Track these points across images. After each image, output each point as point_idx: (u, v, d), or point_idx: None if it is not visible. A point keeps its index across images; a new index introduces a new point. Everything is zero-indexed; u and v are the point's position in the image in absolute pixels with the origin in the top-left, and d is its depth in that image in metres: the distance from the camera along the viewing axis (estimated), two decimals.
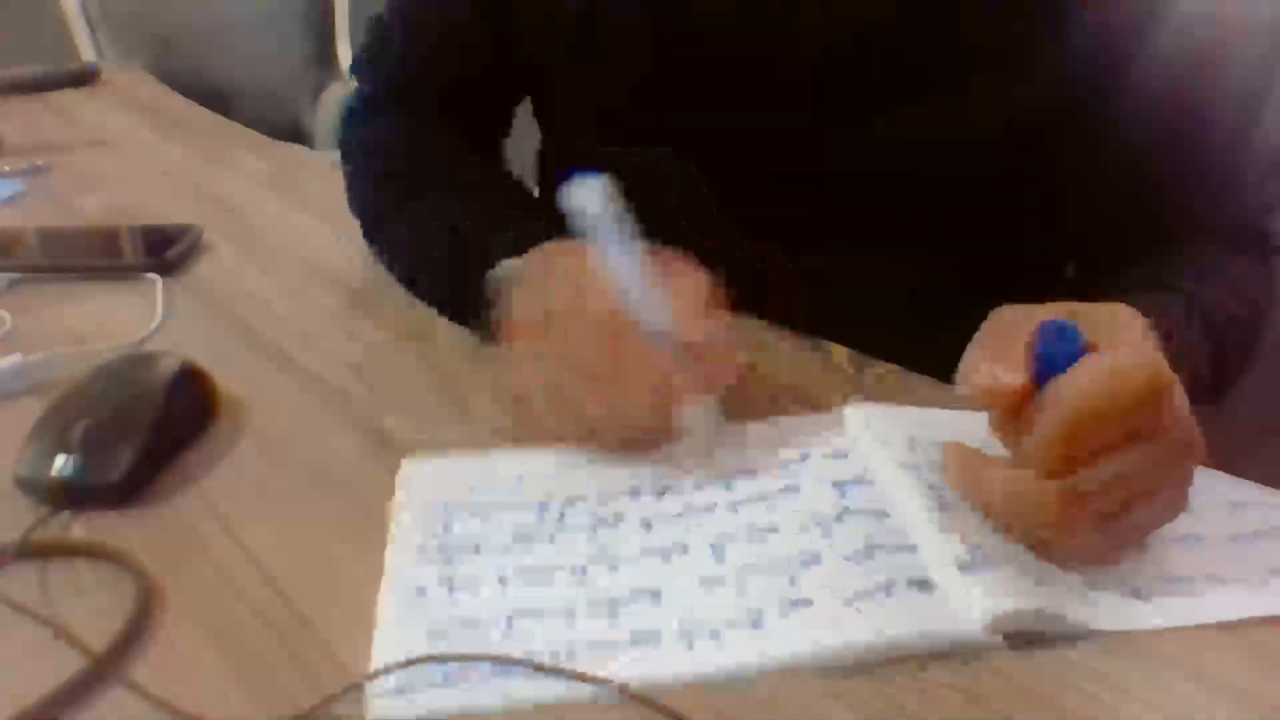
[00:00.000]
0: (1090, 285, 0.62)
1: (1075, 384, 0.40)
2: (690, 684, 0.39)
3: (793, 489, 0.48)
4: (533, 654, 0.40)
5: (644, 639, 0.40)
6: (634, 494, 0.49)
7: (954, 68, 0.63)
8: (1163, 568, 0.44)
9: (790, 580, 0.43)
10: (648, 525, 0.47)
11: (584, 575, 0.44)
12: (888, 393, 0.58)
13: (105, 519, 0.49)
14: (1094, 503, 0.41)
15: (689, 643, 0.40)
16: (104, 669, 0.40)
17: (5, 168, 1.02)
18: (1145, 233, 0.65)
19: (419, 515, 0.48)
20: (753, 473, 0.50)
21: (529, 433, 0.54)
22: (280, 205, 0.92)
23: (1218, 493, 0.48)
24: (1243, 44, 0.62)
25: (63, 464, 0.50)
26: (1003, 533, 0.44)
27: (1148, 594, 0.42)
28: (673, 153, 0.70)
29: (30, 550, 0.47)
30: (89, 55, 1.81)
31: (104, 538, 0.47)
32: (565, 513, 0.48)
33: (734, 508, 0.48)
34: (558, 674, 0.39)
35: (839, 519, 0.46)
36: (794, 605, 0.41)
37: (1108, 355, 0.41)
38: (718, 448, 0.52)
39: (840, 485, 0.48)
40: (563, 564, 0.45)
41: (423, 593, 0.43)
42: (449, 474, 0.51)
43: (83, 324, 0.69)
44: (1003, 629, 0.40)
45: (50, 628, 0.42)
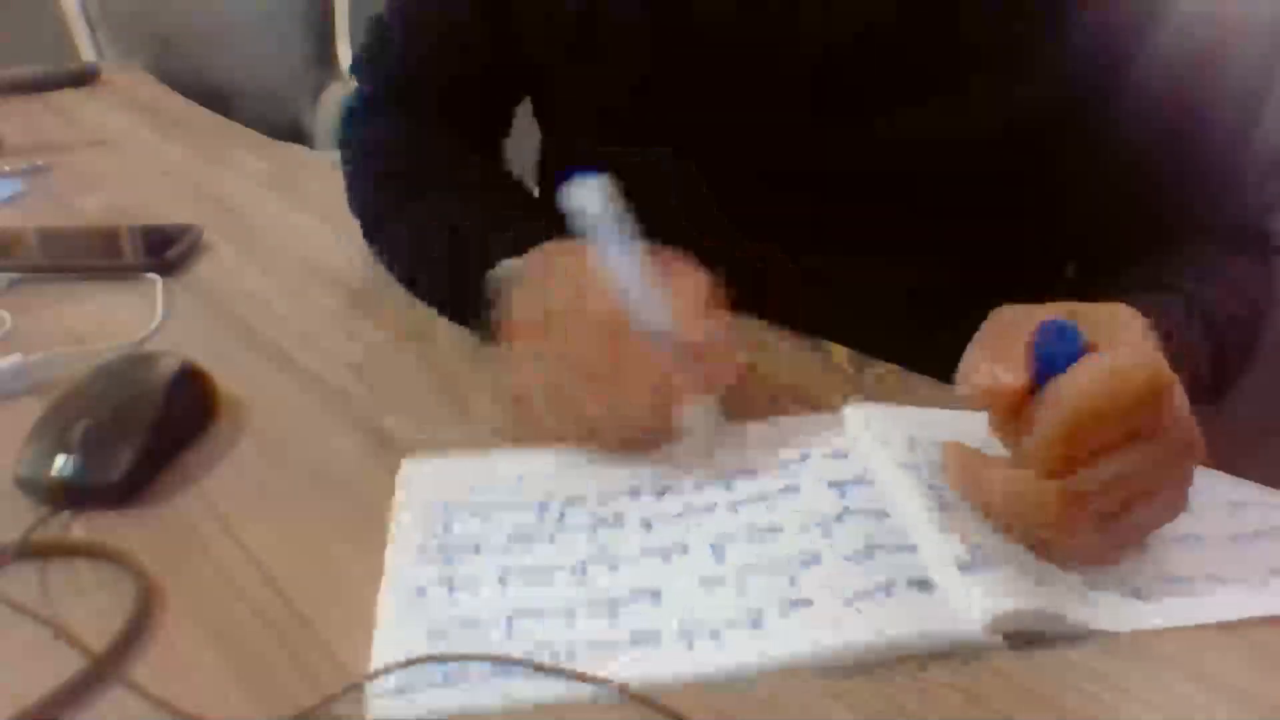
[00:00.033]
0: (1090, 285, 0.62)
1: (1075, 384, 0.40)
2: (690, 684, 0.39)
3: (793, 489, 0.48)
4: (533, 654, 0.40)
5: (644, 639, 0.40)
6: (634, 494, 0.49)
7: (954, 68, 0.63)
8: (1163, 568, 0.44)
9: (790, 580, 0.43)
10: (648, 525, 0.47)
11: (584, 575, 0.44)
12: (888, 393, 0.58)
13: (105, 519, 0.49)
14: (1094, 503, 0.41)
15: (689, 643, 0.40)
16: (104, 669, 0.40)
17: (5, 168, 1.02)
18: (1145, 233, 0.65)
19: (419, 515, 0.48)
20: (753, 473, 0.50)
21: (529, 433, 0.54)
22: (280, 205, 0.92)
23: (1218, 493, 0.48)
24: (1243, 44, 0.62)
25: (63, 464, 0.50)
26: (1002, 533, 0.44)
27: (1148, 594, 0.42)
28: (673, 153, 0.70)
29: (30, 550, 0.47)
30: (89, 55, 1.81)
31: (104, 538, 0.47)
32: (565, 513, 0.48)
33: (734, 508, 0.48)
34: (558, 674, 0.39)
35: (839, 519, 0.46)
36: (794, 605, 0.41)
37: (1108, 355, 0.41)
38: (718, 447, 0.52)
39: (840, 485, 0.48)
40: (563, 564, 0.45)
41: (422, 593, 0.43)
42: (449, 474, 0.51)
43: (83, 324, 0.69)
44: (1003, 629, 0.40)
45: (50, 628, 0.42)
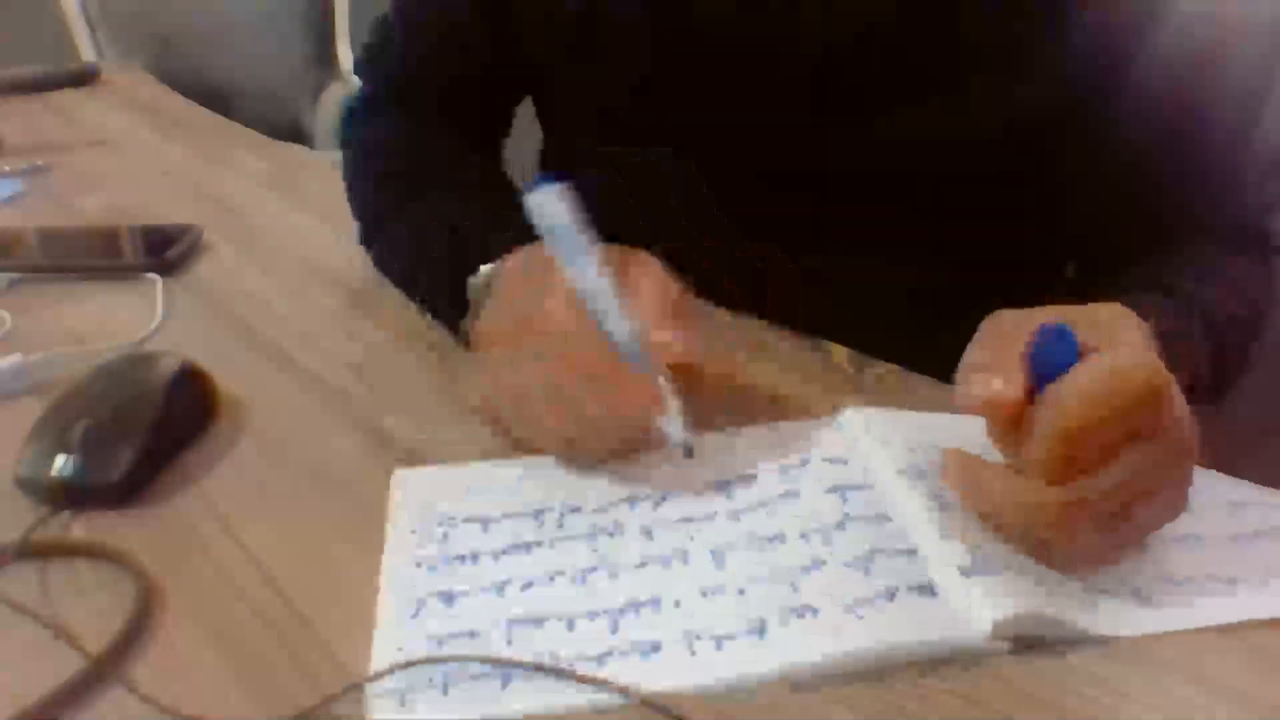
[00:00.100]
0: (1090, 285, 0.62)
1: (1075, 386, 0.40)
2: (691, 691, 0.38)
3: (793, 495, 0.48)
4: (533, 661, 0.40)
5: (645, 647, 0.40)
6: (632, 502, 0.49)
7: (954, 68, 0.63)
8: (1163, 568, 0.44)
9: (792, 587, 0.43)
10: (648, 533, 0.47)
11: (584, 584, 0.44)
12: (888, 393, 0.58)
13: (105, 519, 0.49)
14: (1094, 505, 0.40)
15: (691, 651, 0.40)
16: (104, 669, 0.40)
17: (5, 168, 1.02)
18: (1145, 233, 0.65)
19: (416, 525, 0.48)
20: (752, 479, 0.50)
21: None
22: (280, 205, 0.92)
23: (1218, 493, 0.48)
24: (1243, 44, 0.62)
25: (63, 464, 0.50)
26: (1002, 536, 0.44)
27: (1148, 595, 0.42)
28: (673, 153, 0.70)
29: (30, 550, 0.47)
30: (89, 55, 1.81)
31: (104, 538, 0.47)
32: (564, 521, 0.48)
33: (734, 515, 0.47)
34: (558, 677, 0.39)
35: (840, 525, 0.46)
36: (796, 612, 0.41)
37: (1106, 356, 0.41)
38: (719, 453, 0.51)
39: (841, 491, 0.48)
40: (563, 572, 0.44)
41: (422, 604, 0.43)
42: (444, 483, 0.51)
43: (83, 324, 0.69)
44: (1005, 634, 0.39)
45: (50, 628, 0.42)
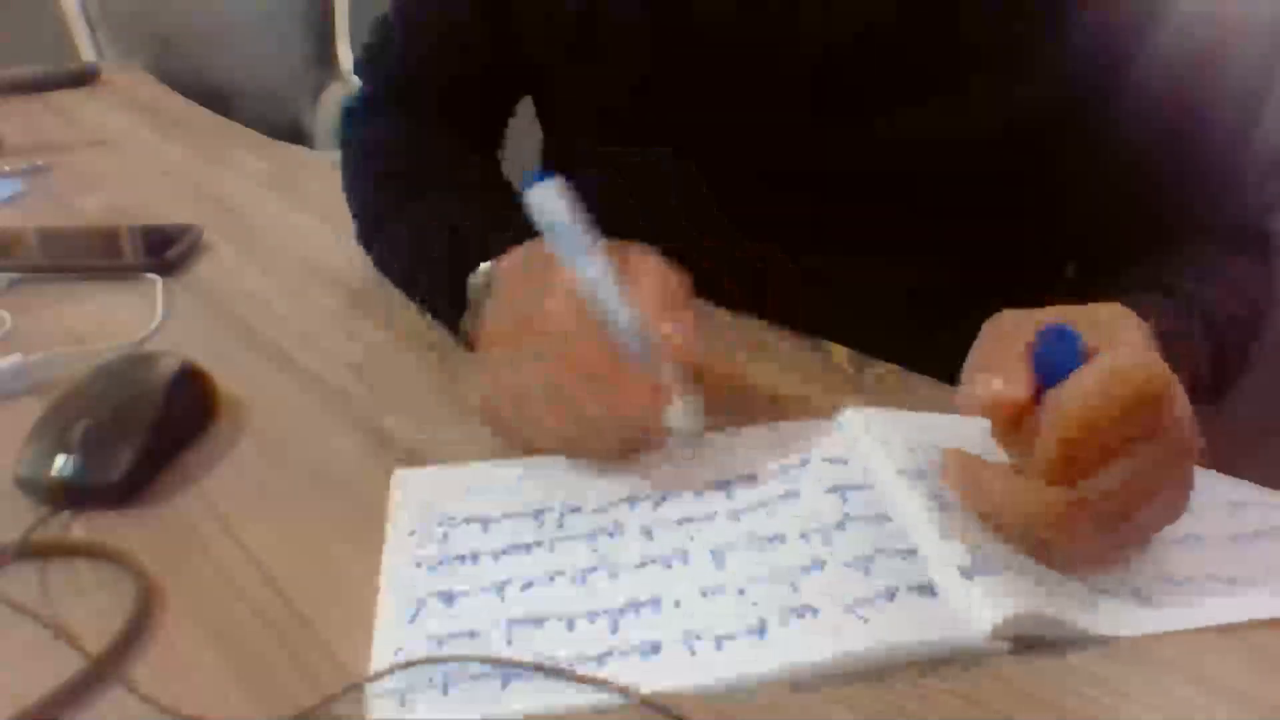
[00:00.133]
0: (1090, 285, 0.62)
1: (1077, 388, 0.40)
2: (691, 692, 0.38)
3: (793, 495, 0.48)
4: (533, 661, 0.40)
5: (645, 648, 0.40)
6: (632, 502, 0.49)
7: (954, 68, 0.63)
8: (1163, 568, 0.44)
9: (792, 587, 0.43)
10: (648, 533, 0.47)
11: (584, 583, 0.44)
12: (888, 393, 0.58)
13: (105, 519, 0.49)
14: (1095, 506, 0.40)
15: (691, 651, 0.40)
16: (104, 669, 0.40)
17: (5, 168, 1.02)
18: (1145, 233, 0.65)
19: (416, 525, 0.48)
20: (753, 479, 0.50)
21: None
22: (280, 205, 0.92)
23: (1218, 493, 0.48)
24: (1243, 44, 0.62)
25: (63, 464, 0.50)
26: (1003, 537, 0.44)
27: (1148, 595, 0.42)
28: (673, 153, 0.70)
29: (30, 550, 0.47)
30: (89, 55, 1.81)
31: (104, 538, 0.47)
32: (564, 521, 0.47)
33: (734, 515, 0.47)
34: (559, 677, 0.39)
35: (840, 525, 0.46)
36: (796, 613, 0.41)
37: (1107, 357, 0.41)
38: (719, 453, 0.51)
39: (841, 491, 0.48)
40: (563, 572, 0.44)
41: (422, 604, 0.43)
42: (444, 483, 0.50)
43: (83, 324, 0.69)
44: (1005, 634, 0.39)
45: (50, 628, 0.42)
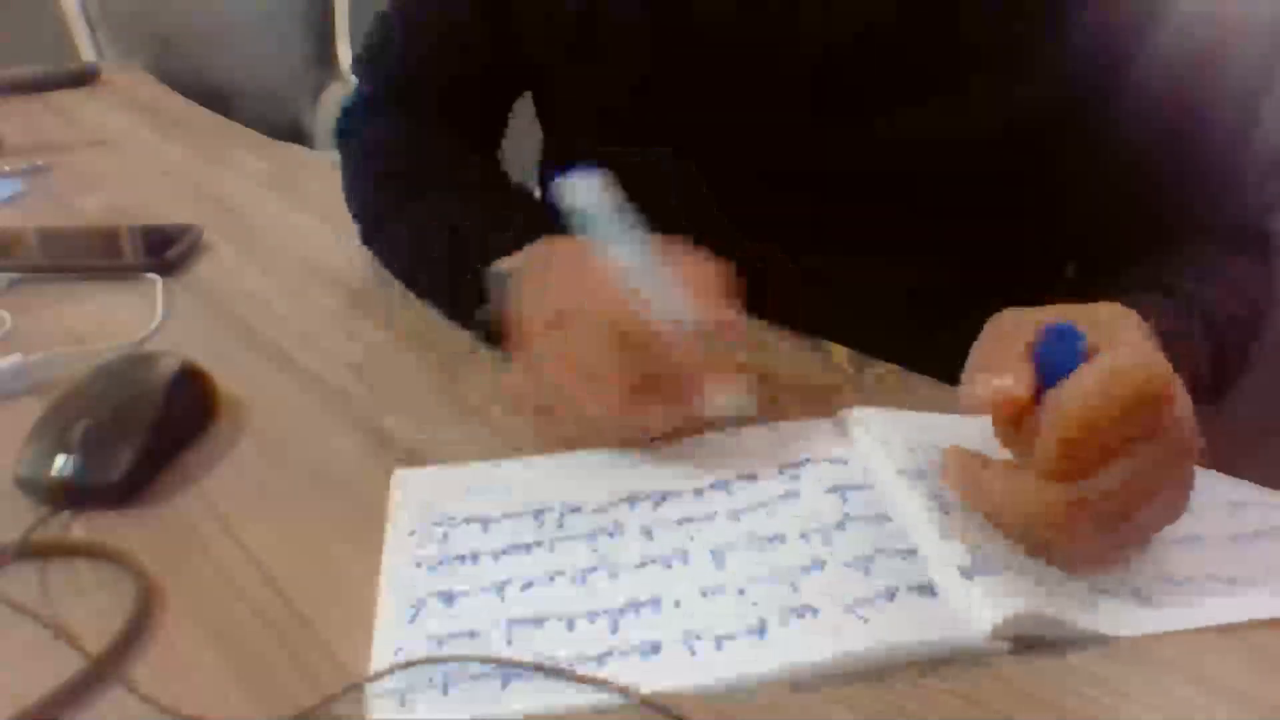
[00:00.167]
0: (1090, 285, 0.62)
1: (1077, 388, 0.40)
2: (691, 691, 0.38)
3: (793, 495, 0.48)
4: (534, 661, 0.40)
5: (645, 648, 0.40)
6: (632, 502, 0.49)
7: (954, 68, 0.63)
8: (1163, 568, 0.44)
9: (792, 587, 0.43)
10: (648, 533, 0.47)
11: (584, 583, 0.44)
12: (888, 393, 0.58)
13: (105, 519, 0.49)
14: (1096, 506, 0.40)
15: (691, 651, 0.40)
16: (104, 669, 0.40)
17: (5, 168, 1.02)
18: (1145, 233, 0.65)
19: (416, 525, 0.48)
20: (753, 479, 0.50)
21: (528, 435, 0.54)
22: (280, 205, 0.92)
23: (1218, 493, 0.48)
24: (1243, 44, 0.62)
25: (63, 464, 0.50)
26: (1003, 537, 0.44)
27: (1148, 595, 0.42)
28: (673, 153, 0.70)
29: (30, 550, 0.47)
30: (89, 55, 1.81)
31: (104, 538, 0.47)
32: (564, 521, 0.48)
33: (734, 515, 0.47)
34: (559, 677, 0.39)
35: (840, 525, 0.46)
36: (796, 613, 0.41)
37: (1107, 357, 0.41)
38: (719, 453, 0.51)
39: (841, 491, 0.48)
40: (563, 572, 0.44)
41: (422, 604, 0.43)
42: (444, 483, 0.51)
43: (83, 324, 0.69)
44: (1005, 634, 0.39)
45: (50, 628, 0.42)
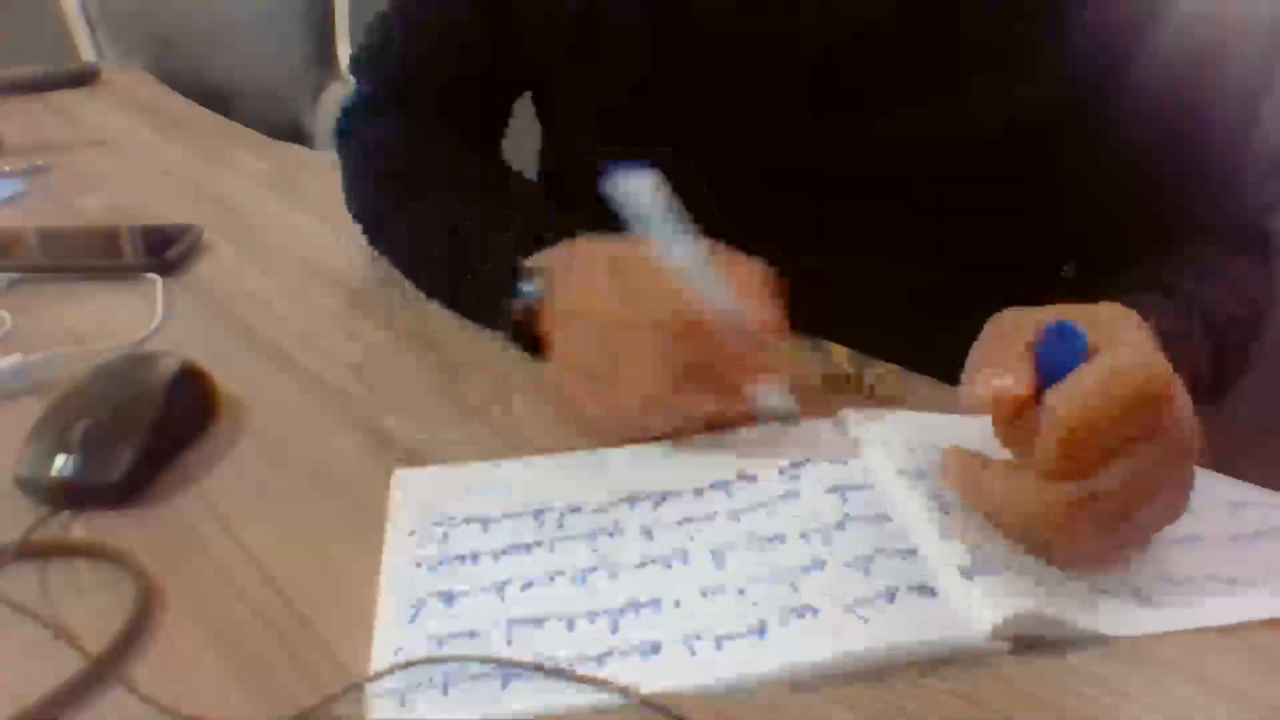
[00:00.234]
0: (1090, 285, 0.62)
1: (1075, 387, 0.40)
2: (692, 691, 0.38)
3: (793, 495, 0.48)
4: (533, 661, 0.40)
5: (645, 648, 0.40)
6: (632, 502, 0.49)
7: (954, 68, 0.63)
8: (1163, 568, 0.44)
9: (792, 587, 0.43)
10: (648, 533, 0.47)
11: (584, 584, 0.44)
12: (888, 393, 0.58)
13: (105, 519, 0.49)
14: (1096, 505, 0.40)
15: (691, 651, 0.40)
16: (104, 669, 0.40)
17: (5, 168, 1.02)
18: (1145, 233, 0.65)
19: (416, 525, 0.48)
20: (753, 478, 0.50)
21: (528, 435, 0.54)
22: (280, 205, 0.92)
23: (1218, 493, 0.48)
24: (1243, 44, 0.62)
25: (63, 464, 0.50)
26: (1003, 536, 0.44)
27: (1148, 595, 0.42)
28: (673, 153, 0.70)
29: (30, 550, 0.47)
30: (89, 55, 1.81)
31: (104, 538, 0.47)
32: (564, 520, 0.47)
33: (734, 515, 0.47)
34: (559, 677, 0.39)
35: (840, 525, 0.46)
36: (796, 612, 0.41)
37: (1107, 356, 0.41)
38: (719, 453, 0.51)
39: (841, 491, 0.48)
40: (563, 572, 0.44)
41: (422, 604, 0.43)
42: (444, 483, 0.51)
43: (83, 324, 0.69)
44: (1005, 634, 0.39)
45: (50, 628, 0.42)
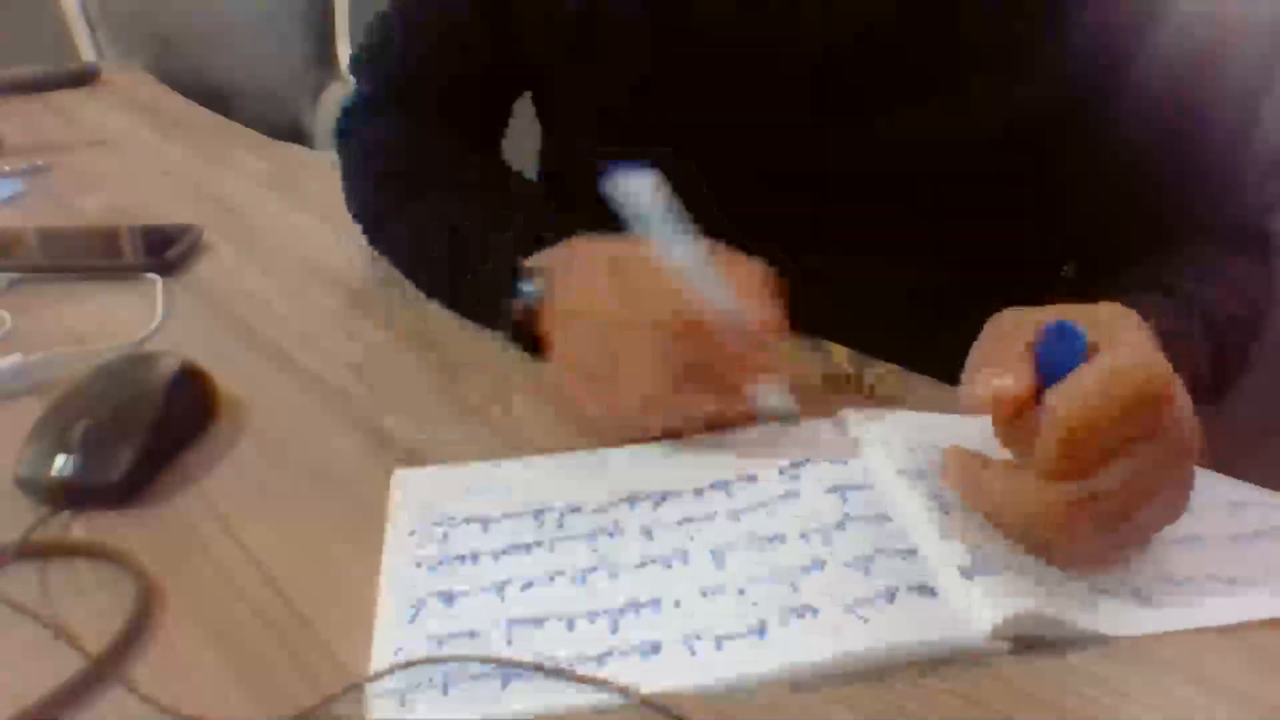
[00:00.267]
0: (1090, 285, 0.62)
1: (1075, 387, 0.40)
2: (692, 691, 0.38)
3: (793, 495, 0.48)
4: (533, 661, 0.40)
5: (645, 648, 0.40)
6: (632, 502, 0.49)
7: (954, 68, 0.63)
8: (1163, 568, 0.44)
9: (792, 587, 0.43)
10: (648, 533, 0.46)
11: (584, 584, 0.44)
12: (888, 393, 0.58)
13: (105, 519, 0.49)
14: (1096, 505, 0.40)
15: (691, 651, 0.40)
16: (104, 669, 0.40)
17: (5, 168, 1.02)
18: (1145, 233, 0.65)
19: (416, 525, 0.48)
20: (753, 478, 0.50)
21: (528, 435, 0.54)
22: (280, 205, 0.92)
23: (1218, 493, 0.48)
24: (1243, 44, 0.62)
25: (63, 464, 0.50)
26: (1003, 536, 0.44)
27: (1148, 595, 0.42)
28: (673, 153, 0.70)
29: (30, 550, 0.47)
30: (89, 55, 1.81)
31: (104, 538, 0.47)
32: (564, 520, 0.47)
33: (734, 515, 0.47)
34: (559, 677, 0.39)
35: (840, 525, 0.46)
36: (796, 612, 0.41)
37: (1107, 356, 0.41)
38: (719, 453, 0.51)
39: (841, 491, 0.48)
40: (563, 572, 0.44)
41: (422, 604, 0.43)
42: (444, 483, 0.51)
43: (83, 324, 0.69)
44: (1005, 634, 0.39)
45: (50, 628, 0.42)
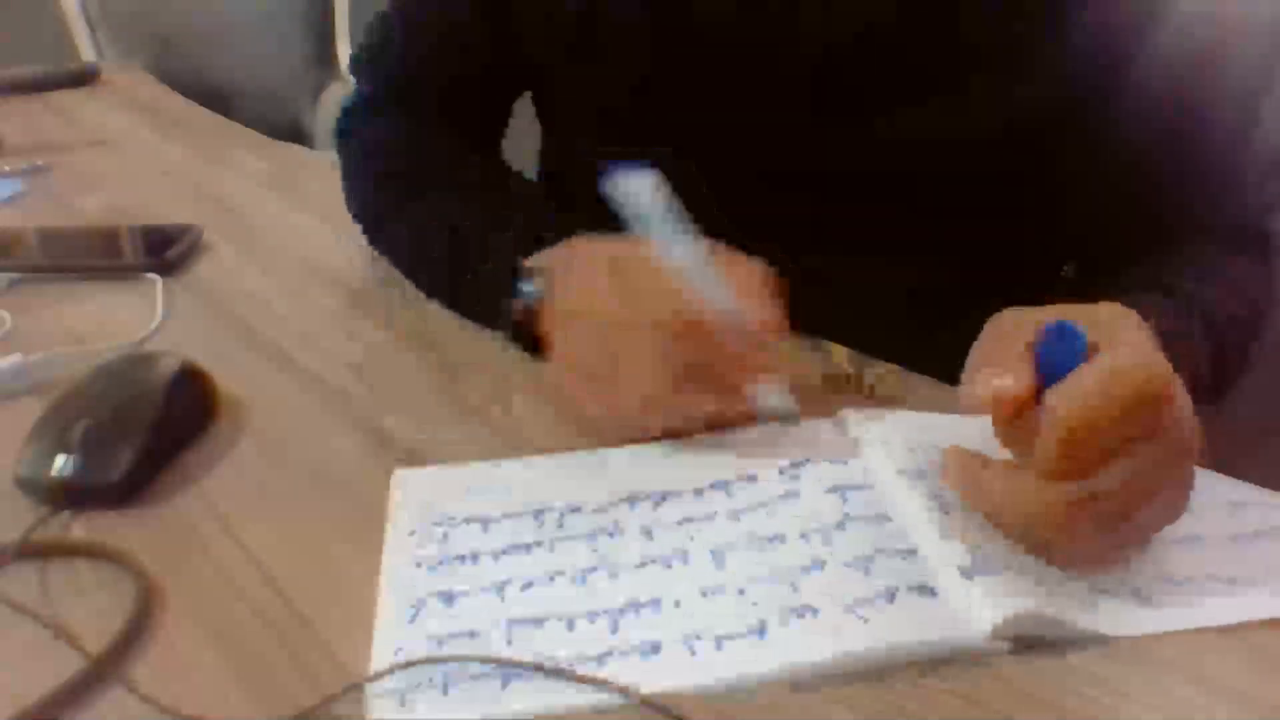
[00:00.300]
0: (1090, 285, 0.62)
1: (1076, 387, 0.40)
2: (692, 691, 0.38)
3: (793, 495, 0.48)
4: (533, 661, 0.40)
5: (645, 648, 0.40)
6: (632, 502, 0.49)
7: (954, 68, 0.63)
8: (1163, 568, 0.44)
9: (792, 587, 0.43)
10: (648, 533, 0.46)
11: (584, 584, 0.44)
12: (888, 393, 0.58)
13: (105, 519, 0.49)
14: (1096, 505, 0.40)
15: (691, 651, 0.40)
16: (104, 669, 0.40)
17: (5, 168, 1.02)
18: (1145, 233, 0.65)
19: (415, 525, 0.48)
20: (753, 478, 0.50)
21: (528, 435, 0.54)
22: (280, 205, 0.92)
23: (1218, 493, 0.48)
24: (1243, 44, 0.62)
25: (63, 464, 0.50)
26: (1003, 536, 0.44)
27: (1148, 595, 0.42)
28: (673, 153, 0.70)
29: (30, 550, 0.47)
30: (89, 55, 1.81)
31: (104, 538, 0.47)
32: (564, 521, 0.47)
33: (734, 515, 0.47)
34: (559, 677, 0.39)
35: (840, 525, 0.46)
36: (796, 612, 0.41)
37: (1107, 356, 0.41)
38: (719, 453, 0.51)
39: (841, 491, 0.48)
40: (563, 572, 0.44)
41: (422, 604, 0.43)
42: (444, 483, 0.51)
43: (83, 324, 0.69)
44: (1005, 634, 0.39)
45: (50, 628, 0.42)
